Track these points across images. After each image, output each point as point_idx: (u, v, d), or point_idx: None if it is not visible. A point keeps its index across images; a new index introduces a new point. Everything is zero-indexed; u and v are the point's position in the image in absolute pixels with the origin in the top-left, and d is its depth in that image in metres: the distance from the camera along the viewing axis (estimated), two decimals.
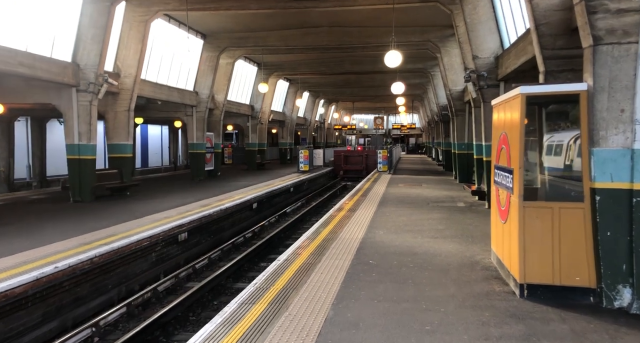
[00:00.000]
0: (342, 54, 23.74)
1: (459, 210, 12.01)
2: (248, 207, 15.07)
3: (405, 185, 18.74)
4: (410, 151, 63.20)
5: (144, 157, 37.12)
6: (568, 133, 8.61)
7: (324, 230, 9.42)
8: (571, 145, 8.66)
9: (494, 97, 12.04)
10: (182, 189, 17.37)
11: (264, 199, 16.64)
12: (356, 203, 13.39)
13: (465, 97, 18.68)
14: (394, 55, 13.54)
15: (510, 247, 5.71)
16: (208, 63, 20.07)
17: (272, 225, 14.99)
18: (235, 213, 13.87)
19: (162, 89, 17.47)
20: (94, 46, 12.48)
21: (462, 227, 9.65)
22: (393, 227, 9.75)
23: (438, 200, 13.89)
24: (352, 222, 10.38)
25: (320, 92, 41.88)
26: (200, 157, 20.53)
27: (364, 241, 8.39)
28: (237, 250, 11.70)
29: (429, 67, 26.33)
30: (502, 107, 6.43)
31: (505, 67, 10.75)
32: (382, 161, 25.14)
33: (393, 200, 13.96)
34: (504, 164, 6.03)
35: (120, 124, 14.47)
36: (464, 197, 14.58)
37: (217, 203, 13.38)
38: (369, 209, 12.23)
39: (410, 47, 20.37)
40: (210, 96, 20.36)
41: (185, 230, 10.60)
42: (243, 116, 27.63)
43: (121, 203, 13.32)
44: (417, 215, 11.17)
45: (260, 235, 13.48)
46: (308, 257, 7.27)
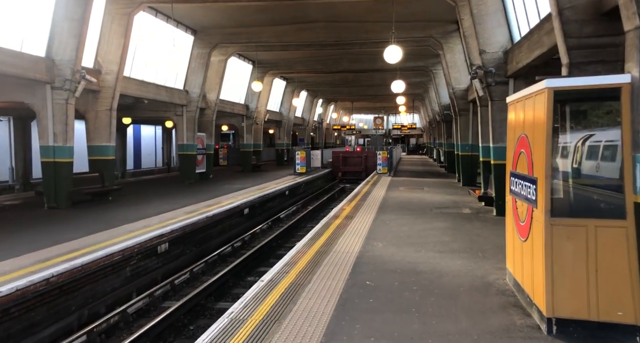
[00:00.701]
0: (339, 51, 22.81)
1: (465, 217, 11.08)
2: (238, 213, 14.14)
3: (406, 188, 17.81)
4: (411, 152, 62.24)
5: (137, 158, 36.18)
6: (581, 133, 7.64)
7: (318, 242, 8.49)
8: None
9: (502, 95, 11.12)
10: (170, 193, 16.44)
11: (256, 204, 15.71)
12: (354, 210, 12.47)
13: (469, 96, 17.76)
14: (394, 51, 12.62)
15: (533, 271, 4.78)
16: (199, 60, 19.13)
17: (264, 232, 14.06)
18: (224, 220, 12.93)
19: (149, 87, 16.54)
20: (70, 40, 11.54)
21: (470, 239, 8.71)
22: (393, 238, 8.82)
23: (442, 206, 12.96)
24: (349, 231, 9.46)
25: (319, 92, 40.95)
26: (190, 159, 19.60)
27: (360, 256, 7.46)
28: (223, 261, 10.77)
29: (431, 65, 25.40)
30: (520, 105, 5.50)
31: (516, 62, 9.82)
32: (381, 163, 24.21)
33: (393, 206, 13.03)
34: (524, 171, 5.10)
35: (101, 124, 13.53)
36: (469, 202, 13.65)
37: (204, 210, 12.45)
38: (368, 216, 11.30)
39: (411, 43, 19.43)
40: (201, 95, 19.42)
41: (166, 240, 9.67)
42: (237, 116, 26.70)
43: (100, 209, 12.38)
44: (420, 224, 10.24)
45: (250, 244, 12.55)
46: (297, 276, 6.34)
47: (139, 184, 20.78)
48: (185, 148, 19.46)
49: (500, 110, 10.95)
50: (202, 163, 20.71)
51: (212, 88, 21.23)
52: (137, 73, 16.30)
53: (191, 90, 19.25)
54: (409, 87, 31.31)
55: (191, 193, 16.40)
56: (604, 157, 5.38)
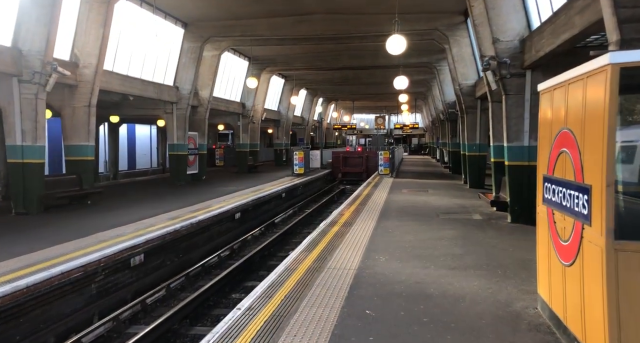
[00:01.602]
0: (339, 46, 21.70)
1: (476, 225, 9.95)
2: (229, 218, 13.03)
3: (409, 191, 16.69)
4: (413, 152, 61.10)
5: (131, 158, 35.04)
6: None
7: (310, 255, 7.39)
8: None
9: (518, 88, 10.01)
10: (157, 196, 15.35)
11: (249, 208, 14.61)
12: (353, 215, 11.36)
13: (477, 92, 16.65)
14: (397, 41, 11.52)
15: (583, 306, 3.67)
16: (190, 55, 18.05)
17: (256, 239, 12.95)
18: (212, 227, 11.83)
19: (134, 82, 15.44)
20: (39, 28, 10.45)
21: (485, 251, 7.59)
22: (397, 250, 7.71)
23: (449, 211, 11.85)
24: (347, 241, 8.35)
25: (318, 90, 39.85)
26: (181, 160, 18.51)
27: (359, 273, 6.35)
28: (207, 274, 9.66)
29: (435, 61, 24.28)
30: (560, 93, 4.38)
31: (536, 50, 8.70)
32: (383, 163, 23.10)
33: (396, 211, 11.92)
34: (568, 176, 3.98)
35: (79, 121, 12.45)
36: (479, 206, 12.53)
37: (190, 215, 11.34)
38: (368, 223, 10.19)
39: (415, 36, 18.31)
40: (192, 92, 18.33)
41: (141, 251, 8.56)
42: (233, 115, 25.60)
43: (74, 215, 11.29)
44: (426, 233, 9.12)
45: (240, 253, 11.44)
46: (282, 303, 5.24)
47: (127, 186, 19.71)
48: (175, 148, 18.37)
49: (516, 105, 9.87)
50: (194, 164, 19.62)
51: (204, 85, 20.14)
52: (121, 67, 15.21)
53: (182, 87, 18.16)
54: (412, 85, 30.18)
55: (180, 196, 15.31)
56: None
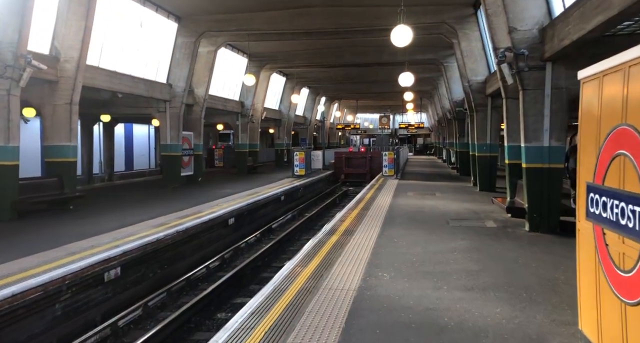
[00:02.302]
0: (340, 41, 20.74)
1: (491, 234, 8.99)
2: (221, 224, 12.12)
3: (415, 194, 15.74)
4: (418, 152, 60.04)
5: (129, 159, 34.20)
6: None
7: (305, 271, 6.47)
8: None
9: (536, 82, 9.02)
10: (147, 200, 14.46)
11: (244, 212, 13.69)
12: (355, 221, 10.43)
13: (488, 89, 15.69)
14: (402, 32, 10.56)
15: None
16: (183, 50, 17.15)
17: (250, 247, 12.02)
18: (201, 234, 10.91)
19: (123, 79, 14.55)
20: (11, 18, 9.57)
21: (504, 267, 6.63)
22: (403, 265, 6.77)
23: (460, 217, 10.89)
24: (347, 254, 7.42)
25: (321, 89, 38.91)
26: (175, 161, 17.62)
27: (360, 297, 5.42)
28: (193, 288, 8.74)
29: (442, 57, 23.30)
30: (614, 79, 3.42)
31: (559, 39, 7.74)
32: (387, 164, 22.13)
33: (402, 217, 10.98)
34: (631, 187, 3.04)
35: (60, 120, 11.56)
36: (492, 212, 11.56)
37: (177, 222, 10.44)
38: (371, 232, 9.26)
39: (421, 30, 17.31)
40: (186, 89, 17.43)
41: (117, 265, 7.65)
42: (232, 114, 24.70)
43: (50, 222, 10.40)
44: (436, 243, 8.18)
45: (231, 263, 10.52)
46: (264, 339, 4.31)
47: (120, 188, 18.85)
48: (169, 148, 17.48)
49: (535, 101, 8.91)
50: (188, 165, 18.73)
51: (200, 82, 19.24)
52: (109, 63, 14.31)
53: (175, 84, 17.27)
54: (417, 83, 29.17)
55: (171, 200, 14.42)
56: None
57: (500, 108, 15.89)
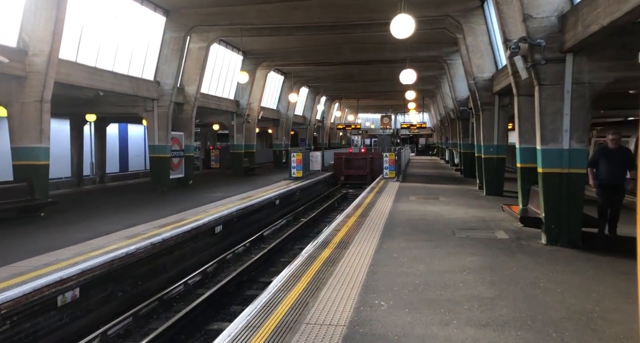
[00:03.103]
0: (339, 37, 19.75)
1: (504, 247, 7.97)
2: (207, 233, 11.14)
3: (417, 198, 14.73)
4: (420, 152, 59.01)
5: (123, 160, 33.34)
6: None
7: (286, 298, 5.47)
8: None
9: (555, 77, 7.95)
10: (130, 205, 13.48)
11: (234, 218, 12.72)
12: (351, 231, 9.43)
13: (495, 87, 14.67)
14: (404, 21, 9.55)
15: None
16: (172, 46, 16.17)
17: (237, 258, 11.03)
18: (183, 245, 9.93)
19: (105, 75, 13.56)
20: None
21: (524, 293, 5.61)
22: (404, 289, 5.76)
23: (467, 226, 9.87)
24: (339, 274, 6.42)
25: (320, 88, 37.90)
26: (163, 163, 16.63)
27: (351, 335, 4.42)
28: (166, 310, 7.75)
29: (445, 54, 22.28)
30: None
31: (585, 25, 6.72)
32: (388, 166, 21.12)
33: (403, 226, 9.96)
34: None
35: (29, 119, 10.58)
36: (502, 220, 10.54)
37: (155, 232, 9.45)
38: (368, 244, 8.25)
39: (424, 25, 16.31)
40: (175, 87, 16.44)
41: (74, 285, 6.67)
42: (227, 113, 23.70)
43: (13, 233, 9.39)
44: (442, 259, 7.16)
45: (214, 278, 9.53)
46: None
47: (106, 192, 17.88)
48: (157, 150, 16.49)
49: (553, 98, 7.89)
50: (178, 167, 17.74)
51: (191, 80, 18.26)
52: (86, 57, 13.30)
53: (163, 82, 16.28)
54: (419, 82, 28.14)
55: (156, 205, 13.45)
56: None
57: (507, 107, 14.92)
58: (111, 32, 14.24)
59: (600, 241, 8.29)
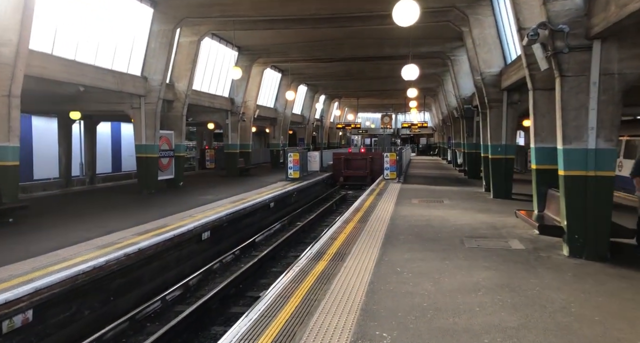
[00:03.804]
0: (339, 32, 18.85)
1: (521, 260, 7.04)
2: (193, 240, 10.23)
3: (420, 201, 13.81)
4: (421, 152, 58.10)
5: (116, 160, 32.40)
6: None
7: (269, 329, 4.54)
8: None
9: (579, 67, 6.91)
10: (111, 209, 12.56)
11: (224, 224, 11.80)
12: (349, 239, 8.52)
13: (503, 82, 13.75)
14: (407, 7, 8.63)
15: None
16: (161, 39, 15.24)
17: (225, 268, 10.10)
18: (164, 254, 9.02)
19: (86, 69, 12.63)
20: None
21: (555, 321, 4.68)
22: (411, 315, 4.84)
23: (477, 234, 8.94)
24: (334, 294, 5.50)
25: (319, 86, 36.97)
26: (151, 164, 15.70)
27: None
28: (137, 332, 6.83)
29: (449, 50, 21.36)
30: None
31: (620, 5, 5.79)
32: (389, 166, 20.20)
33: (406, 233, 9.04)
34: None
35: None
36: (513, 227, 9.62)
37: (131, 240, 8.53)
38: (368, 255, 7.34)
39: (427, 17, 15.37)
40: (163, 83, 15.51)
41: (27, 307, 5.75)
42: (221, 111, 22.77)
43: None
44: (452, 275, 6.24)
45: (197, 292, 8.61)
46: None
47: (93, 194, 16.95)
48: (144, 149, 15.56)
49: (577, 91, 6.98)
50: (168, 168, 16.83)
51: (181, 76, 17.34)
52: (63, 50, 12.36)
53: (151, 77, 15.36)
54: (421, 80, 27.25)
55: (141, 209, 12.53)
56: None
57: (517, 104, 14.00)
58: (93, 23, 13.31)
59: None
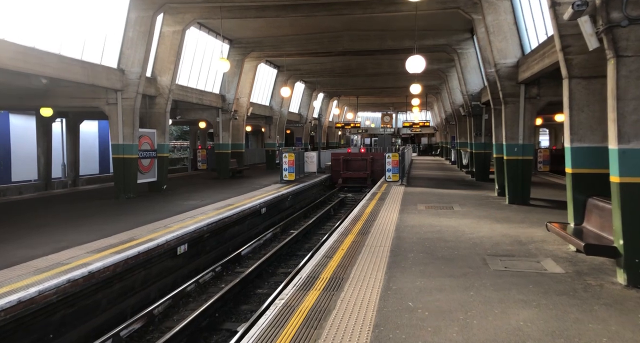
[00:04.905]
0: (336, 23, 17.39)
1: (567, 291, 5.54)
2: (165, 256, 8.74)
3: (427, 207, 12.32)
4: (422, 152, 56.67)
5: (104, 161, 30.90)
6: None
7: None
8: None
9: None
10: (77, 218, 11.06)
11: (205, 235, 10.31)
12: (348, 258, 7.04)
13: (521, 74, 12.27)
14: None
15: None
16: (139, 27, 13.74)
17: (201, 290, 8.58)
18: (126, 275, 7.52)
19: (48, 59, 11.08)
20: None
21: None
22: None
23: (500, 251, 7.45)
24: None
25: (317, 83, 35.47)
26: (129, 165, 14.19)
27: None
28: None
29: (455, 43, 19.87)
30: None
31: None
32: (391, 168, 18.69)
33: (415, 250, 7.55)
34: None
35: None
36: (542, 241, 8.14)
37: (83, 260, 7.04)
38: (371, 282, 5.87)
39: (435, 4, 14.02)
40: (142, 76, 13.99)
41: None
42: (211, 109, 21.28)
43: None
44: (482, 316, 4.74)
45: (162, 324, 7.09)
46: None
47: (66, 197, 15.44)
48: (121, 149, 14.06)
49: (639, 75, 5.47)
50: (149, 170, 15.32)
51: (164, 69, 15.84)
52: (26, 36, 10.84)
53: (129, 70, 13.85)
54: (423, 77, 25.82)
55: (110, 218, 11.02)
56: None
57: (535, 98, 12.52)
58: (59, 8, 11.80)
59: None
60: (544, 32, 10.84)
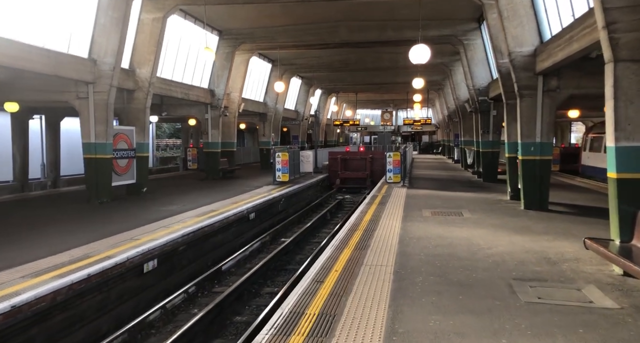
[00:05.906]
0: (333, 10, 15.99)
1: (630, 339, 4.18)
2: (127, 275, 7.37)
3: (433, 213, 10.95)
4: (423, 151, 55.28)
5: None
6: None
7: None
8: None
9: None
10: (36, 227, 9.68)
11: (179, 247, 8.95)
12: (342, 284, 5.70)
13: (539, 64, 10.90)
14: None
15: None
16: (112, 13, 12.33)
17: (168, 317, 7.20)
18: (72, 303, 6.16)
19: (2, 45, 9.68)
20: None
21: None
22: None
23: (527, 273, 6.09)
24: None
25: (315, 79, 34.07)
26: (102, 166, 12.78)
27: None
28: None
29: (461, 33, 18.47)
30: None
31: None
32: (392, 168, 17.31)
33: (424, 273, 6.19)
34: None
35: None
36: (575, 259, 6.79)
37: (13, 288, 5.67)
38: (371, 320, 4.57)
39: None
40: (117, 67, 12.59)
41: None
42: (199, 105, 19.88)
43: None
44: None
45: None
46: None
47: (36, 201, 14.08)
48: (93, 149, 12.66)
49: None
50: (127, 171, 13.93)
51: (143, 60, 14.44)
52: None
53: (101, 60, 12.44)
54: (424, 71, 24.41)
55: (71, 228, 9.65)
56: None
57: (555, 91, 11.15)
58: None
59: None
60: (569, 15, 9.45)
